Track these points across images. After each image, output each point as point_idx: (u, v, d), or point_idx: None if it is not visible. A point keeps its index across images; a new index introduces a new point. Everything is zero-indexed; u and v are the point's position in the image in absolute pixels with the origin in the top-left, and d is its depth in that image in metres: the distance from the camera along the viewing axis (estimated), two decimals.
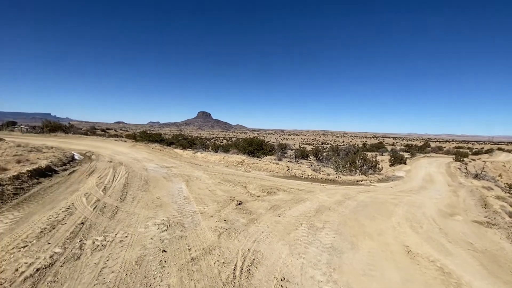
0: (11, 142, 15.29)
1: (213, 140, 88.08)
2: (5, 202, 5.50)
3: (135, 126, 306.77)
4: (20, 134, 25.82)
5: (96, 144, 20.01)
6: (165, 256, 3.78)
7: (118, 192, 6.94)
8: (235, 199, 7.00)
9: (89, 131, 40.95)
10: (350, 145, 52.86)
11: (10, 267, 3.27)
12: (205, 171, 11.25)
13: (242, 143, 20.87)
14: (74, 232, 4.35)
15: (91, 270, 3.31)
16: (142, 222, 5.02)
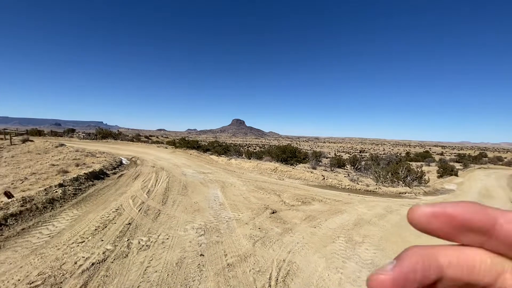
0: (71, 147, 17.33)
1: (246, 147, 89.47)
2: (67, 201, 6.24)
3: (175, 133, 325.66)
4: (78, 140, 29.12)
5: (141, 150, 21.69)
6: (203, 260, 3.92)
7: (160, 195, 7.41)
8: (269, 207, 7.01)
9: (134, 138, 44.54)
10: (391, 154, 49.52)
11: (70, 259, 3.68)
12: (239, 178, 11.47)
13: (275, 150, 20.87)
14: (122, 231, 4.75)
15: (137, 268, 3.57)
16: (182, 225, 5.28)
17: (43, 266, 3.45)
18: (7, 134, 21.85)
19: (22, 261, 3.59)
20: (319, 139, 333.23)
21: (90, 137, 33.16)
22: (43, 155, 13.63)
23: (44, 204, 5.55)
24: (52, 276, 3.25)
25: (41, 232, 4.53)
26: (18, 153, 14.68)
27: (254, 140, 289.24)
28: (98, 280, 3.24)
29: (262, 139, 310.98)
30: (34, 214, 5.17)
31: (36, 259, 3.64)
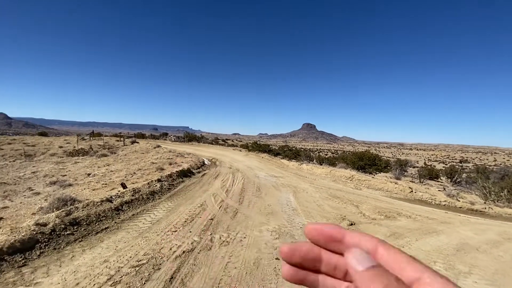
0: (165, 148, 20.35)
1: (317, 152, 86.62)
2: (163, 194, 7.33)
3: (248, 137, 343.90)
4: (170, 142, 34.08)
5: (219, 152, 23.72)
6: (278, 264, 3.94)
7: (237, 195, 7.89)
8: (346, 218, 6.53)
9: (213, 141, 49.19)
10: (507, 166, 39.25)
11: (167, 245, 4.28)
12: (311, 184, 11.15)
13: (351, 156, 19.44)
14: (206, 225, 5.25)
15: (219, 262, 3.87)
16: (257, 226, 5.46)
17: (147, 248, 4.13)
18: (121, 137, 27.51)
19: (133, 241, 4.38)
20: (403, 145, 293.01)
21: (179, 139, 38.42)
22: (145, 154, 16.51)
23: (147, 195, 6.68)
24: (154, 257, 3.85)
25: (145, 219, 5.44)
26: (128, 152, 18.22)
27: (326, 145, 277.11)
28: (188, 267, 3.65)
29: (334, 144, 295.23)
30: (140, 203, 6.28)
31: (142, 241, 4.38)
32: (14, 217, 5.56)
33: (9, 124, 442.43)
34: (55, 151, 18.01)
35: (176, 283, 3.27)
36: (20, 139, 23.32)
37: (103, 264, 3.57)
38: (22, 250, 3.64)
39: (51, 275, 3.27)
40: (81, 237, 4.33)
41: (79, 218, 4.72)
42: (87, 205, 5.24)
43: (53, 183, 8.64)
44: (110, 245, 4.15)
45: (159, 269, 3.54)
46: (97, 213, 5.10)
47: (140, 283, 3.20)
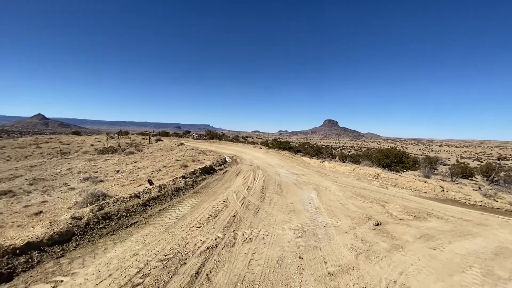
0: (188, 146, 20.88)
1: (339, 149, 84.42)
2: (187, 191, 7.52)
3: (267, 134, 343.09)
4: (192, 140, 34.91)
5: (239, 149, 23.89)
6: (302, 263, 3.89)
7: (258, 193, 7.90)
8: (372, 218, 6.29)
9: (234, 139, 49.70)
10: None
11: (192, 240, 4.39)
12: (334, 182, 10.88)
13: (376, 154, 18.69)
14: (229, 222, 5.31)
15: (242, 258, 3.90)
16: (279, 224, 5.43)
17: (173, 243, 4.26)
18: (147, 135, 28.67)
19: (159, 236, 4.54)
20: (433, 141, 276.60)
21: (201, 137, 39.29)
22: (170, 152, 17.05)
23: (172, 191, 6.90)
24: (180, 252, 3.96)
25: (171, 214, 5.62)
26: (154, 150, 18.93)
27: (349, 142, 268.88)
28: (212, 263, 3.72)
29: (358, 141, 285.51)
30: (166, 199, 6.50)
31: (169, 236, 4.53)
32: (52, 210, 6.00)
33: (46, 124, 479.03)
34: (87, 149, 19.18)
35: (202, 278, 3.34)
36: (56, 138, 25.12)
37: (133, 257, 3.74)
38: (60, 242, 3.92)
39: (86, 266, 3.48)
40: (113, 231, 4.56)
41: (111, 213, 4.99)
42: (117, 200, 5.52)
43: (86, 179, 9.20)
44: (139, 239, 4.33)
45: (185, 264, 3.64)
46: (127, 208, 5.35)
47: (168, 277, 3.30)
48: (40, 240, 3.72)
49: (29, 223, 5.14)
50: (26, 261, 3.39)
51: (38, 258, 3.51)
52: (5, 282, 3.04)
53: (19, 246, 3.49)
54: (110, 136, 27.23)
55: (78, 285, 3.05)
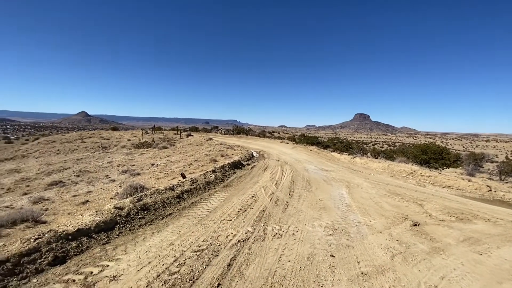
0: (216, 141, 21.38)
1: (371, 144, 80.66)
2: (217, 184, 7.73)
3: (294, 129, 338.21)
4: (220, 135, 35.72)
5: (266, 144, 23.94)
6: (333, 261, 3.81)
7: (286, 188, 7.86)
8: (409, 218, 5.94)
9: (260, 134, 49.86)
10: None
11: (223, 233, 4.51)
12: (366, 179, 10.44)
13: (412, 149, 17.53)
14: (258, 216, 5.37)
15: (273, 253, 3.92)
16: (309, 221, 5.36)
17: (206, 235, 4.42)
18: (178, 131, 29.91)
19: (193, 227, 4.74)
20: (478, 136, 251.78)
21: (228, 132, 40.05)
22: (199, 146, 17.64)
23: (203, 185, 7.14)
24: (212, 244, 4.10)
25: (202, 207, 5.83)
26: (185, 144, 19.71)
27: (382, 136, 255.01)
28: (244, 256, 3.79)
29: (391, 136, 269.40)
30: (198, 192, 6.75)
31: (201, 228, 4.71)
32: (97, 200, 6.55)
33: (89, 121, 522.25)
34: (124, 143, 20.56)
35: (234, 271, 3.43)
36: (98, 133, 27.25)
37: (169, 246, 3.95)
38: (105, 229, 4.27)
39: (128, 253, 3.75)
40: (150, 221, 4.86)
41: (148, 204, 5.31)
42: (154, 192, 5.85)
43: (125, 171, 9.88)
44: (174, 230, 4.57)
45: (217, 256, 3.76)
46: (162, 200, 5.66)
47: (202, 267, 3.44)
48: (88, 227, 4.09)
49: (77, 211, 5.67)
50: (77, 246, 3.75)
51: (87, 243, 3.87)
52: (59, 264, 3.40)
53: (71, 232, 3.87)
54: (145, 132, 28.88)
55: (122, 270, 3.30)
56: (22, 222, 4.78)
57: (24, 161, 15.95)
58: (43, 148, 19.47)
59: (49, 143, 21.43)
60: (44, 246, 3.47)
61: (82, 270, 3.28)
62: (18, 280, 3.01)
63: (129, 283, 3.05)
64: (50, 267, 3.31)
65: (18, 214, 4.83)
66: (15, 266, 3.12)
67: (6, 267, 3.06)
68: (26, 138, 60.10)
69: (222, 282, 3.17)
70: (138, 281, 3.09)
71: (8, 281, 2.97)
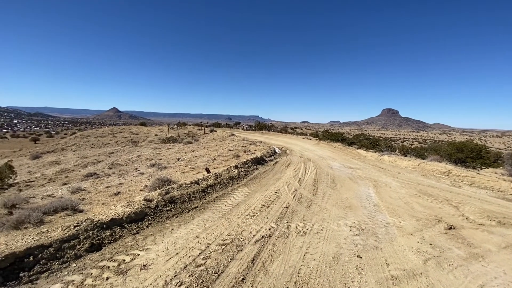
0: (238, 136, 21.56)
1: (400, 141, 76.74)
2: (240, 180, 7.80)
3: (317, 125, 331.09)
4: (242, 131, 36.00)
5: (288, 140, 23.68)
6: (360, 262, 3.68)
7: (310, 185, 7.73)
8: (443, 221, 5.57)
9: (282, 130, 49.51)
10: None
11: (247, 228, 4.54)
12: (394, 178, 9.95)
13: (446, 147, 16.39)
14: (282, 213, 5.34)
15: (297, 251, 3.88)
16: (334, 219, 5.23)
17: (230, 229, 4.48)
18: (202, 126, 30.61)
19: (217, 221, 4.82)
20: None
21: (250, 128, 40.25)
22: (222, 142, 17.91)
23: (227, 180, 7.24)
24: (236, 238, 4.14)
25: (226, 202, 5.92)
26: (208, 140, 20.12)
27: (411, 133, 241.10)
28: (268, 252, 3.79)
29: (422, 133, 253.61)
30: (222, 187, 6.86)
31: (226, 222, 4.78)
32: (127, 192, 6.90)
33: (119, 116, 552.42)
34: (152, 138, 21.46)
35: (258, 266, 3.44)
36: (128, 129, 28.69)
37: (195, 239, 4.06)
38: (136, 220, 4.49)
39: (157, 243, 3.91)
40: (177, 214, 5.03)
41: (175, 197, 5.50)
42: (180, 186, 6.04)
43: (153, 165, 10.32)
44: (199, 223, 4.69)
45: (241, 250, 3.80)
46: (188, 194, 5.83)
47: (226, 261, 3.50)
48: (120, 217, 4.32)
49: (110, 202, 6.02)
50: (111, 235, 3.99)
51: (119, 233, 4.10)
52: (95, 251, 3.64)
53: (105, 222, 4.11)
54: (171, 127, 29.92)
55: (151, 259, 3.45)
56: (62, 210, 5.18)
57: (63, 153, 17.29)
58: (79, 142, 20.95)
59: (85, 137, 23.00)
60: (82, 234, 3.72)
61: (115, 257, 3.48)
62: (59, 264, 3.26)
63: (158, 273, 3.18)
64: (87, 253, 3.55)
65: (58, 203, 5.24)
66: (57, 251, 3.39)
67: (49, 252, 3.33)
68: (64, 132, 65.05)
69: (247, 277, 3.20)
70: (166, 271, 3.22)
71: (51, 265, 3.23)
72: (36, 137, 47.70)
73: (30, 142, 41.47)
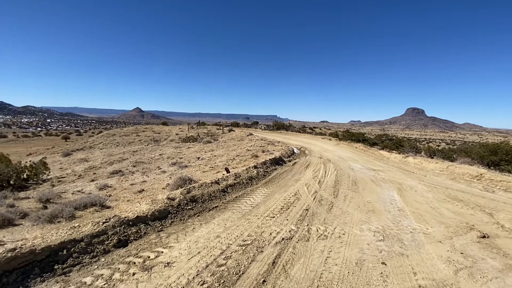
0: (256, 136, 21.59)
1: (425, 142, 73.12)
2: (259, 180, 7.80)
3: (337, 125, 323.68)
4: (260, 131, 36.04)
5: (307, 140, 23.38)
6: (385, 270, 3.54)
7: (331, 188, 7.57)
8: (475, 228, 5.22)
9: (300, 129, 48.92)
10: None
11: (267, 230, 4.54)
12: (420, 181, 9.49)
13: (478, 149, 15.37)
14: (302, 215, 5.27)
15: (318, 255, 3.81)
16: (356, 224, 5.08)
17: (250, 230, 4.49)
18: (220, 126, 31.04)
19: (237, 221, 4.86)
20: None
21: (268, 128, 40.21)
22: (241, 141, 18.03)
23: (246, 180, 7.28)
24: (256, 240, 4.15)
25: (246, 202, 5.94)
26: (227, 139, 20.35)
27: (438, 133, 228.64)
28: (288, 255, 3.76)
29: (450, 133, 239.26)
30: (241, 187, 6.90)
31: (245, 222, 4.80)
32: (151, 189, 7.14)
33: (142, 116, 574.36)
34: (173, 137, 22.07)
35: (278, 269, 3.42)
36: (150, 128, 29.71)
37: (216, 239, 4.12)
38: (159, 218, 4.63)
39: (179, 241, 4.01)
40: (198, 213, 5.13)
41: (196, 196, 5.61)
42: (201, 185, 6.16)
43: (174, 164, 10.60)
44: (220, 223, 4.75)
45: (262, 252, 3.79)
46: (209, 193, 5.93)
47: (247, 262, 3.51)
48: (145, 215, 4.48)
49: (135, 199, 6.27)
50: (136, 232, 4.15)
51: (144, 230, 4.25)
52: (122, 247, 3.79)
53: (131, 219, 4.28)
54: (190, 127, 30.62)
55: (174, 257, 3.55)
56: (91, 206, 5.46)
57: (91, 151, 18.26)
58: (105, 141, 22.02)
59: (110, 136, 24.13)
60: (110, 230, 3.90)
61: (141, 254, 3.61)
62: (90, 258, 3.44)
63: (181, 271, 3.26)
64: (115, 248, 3.71)
65: (88, 199, 5.54)
66: (87, 245, 3.58)
67: (81, 246, 3.52)
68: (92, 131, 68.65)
69: (268, 279, 3.19)
70: (189, 269, 3.29)
71: (82, 258, 3.42)
72: (66, 136, 50.83)
73: (62, 140, 44.26)
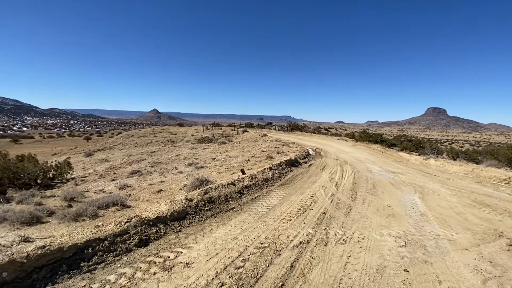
0: (271, 137, 21.53)
1: (447, 143, 70.00)
2: (274, 182, 7.78)
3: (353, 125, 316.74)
4: (274, 131, 35.93)
5: (322, 141, 23.04)
6: (408, 277, 3.42)
7: (348, 190, 7.41)
8: (504, 235, 4.93)
9: (315, 130, 48.30)
10: None
11: (284, 233, 4.51)
12: (443, 185, 9.08)
13: (505, 150, 14.52)
14: (319, 219, 5.20)
15: (337, 260, 3.74)
16: (376, 228, 4.94)
17: (267, 232, 4.48)
18: (235, 127, 31.25)
19: (254, 223, 4.87)
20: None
21: (282, 129, 39.99)
22: (255, 142, 18.06)
23: (262, 182, 7.28)
24: (274, 242, 4.14)
25: (262, 204, 5.94)
26: (241, 140, 20.45)
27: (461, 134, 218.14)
28: (306, 259, 3.72)
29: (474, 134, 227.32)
30: (257, 189, 6.91)
31: (262, 224, 4.80)
32: (169, 190, 7.29)
33: (159, 117, 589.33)
34: (189, 138, 22.47)
35: (297, 273, 3.39)
36: (167, 129, 30.42)
37: (234, 240, 4.14)
38: (178, 218, 4.73)
39: (198, 242, 4.07)
40: (215, 214, 5.19)
41: (213, 197, 5.68)
42: (218, 186, 6.23)
43: (190, 164, 10.79)
44: (237, 224, 4.77)
45: (279, 255, 3.78)
46: (225, 194, 5.98)
47: (265, 265, 3.50)
48: (165, 215, 4.59)
49: (154, 199, 6.42)
50: (156, 232, 4.25)
51: (164, 230, 4.35)
52: (143, 246, 3.91)
53: (151, 219, 4.40)
54: (205, 128, 31.06)
55: (193, 258, 3.61)
56: (113, 205, 5.66)
57: (111, 152, 18.94)
58: (124, 141, 22.79)
59: (129, 137, 24.94)
60: (132, 229, 4.03)
61: (161, 253, 3.70)
62: (113, 257, 3.57)
63: (200, 272, 3.31)
64: (137, 248, 3.83)
65: (110, 198, 5.74)
66: (111, 244, 3.71)
67: (104, 245, 3.66)
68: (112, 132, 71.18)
69: (286, 283, 3.17)
70: (207, 271, 3.33)
71: (106, 257, 3.55)
72: (88, 136, 53.09)
73: (84, 141, 46.30)
